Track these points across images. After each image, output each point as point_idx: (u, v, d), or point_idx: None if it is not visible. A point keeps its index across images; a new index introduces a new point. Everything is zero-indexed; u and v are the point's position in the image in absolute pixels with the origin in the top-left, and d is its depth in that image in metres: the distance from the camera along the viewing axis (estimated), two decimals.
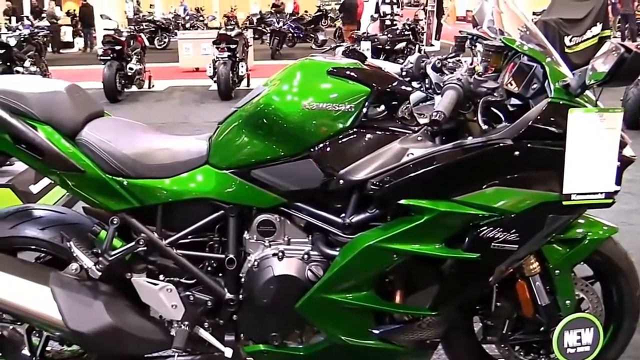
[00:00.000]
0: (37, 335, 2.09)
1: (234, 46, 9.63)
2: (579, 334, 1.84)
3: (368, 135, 1.74)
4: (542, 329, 1.92)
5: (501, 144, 1.61)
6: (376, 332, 1.82)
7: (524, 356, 2.04)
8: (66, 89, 1.87)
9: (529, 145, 1.61)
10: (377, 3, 14.18)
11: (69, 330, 1.82)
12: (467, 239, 1.67)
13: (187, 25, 21.01)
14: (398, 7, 14.28)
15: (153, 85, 10.74)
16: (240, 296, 1.86)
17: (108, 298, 1.87)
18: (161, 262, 1.89)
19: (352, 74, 1.76)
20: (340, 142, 1.73)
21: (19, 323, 2.07)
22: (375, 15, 12.96)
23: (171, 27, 20.15)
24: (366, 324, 1.82)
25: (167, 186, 1.83)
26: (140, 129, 1.99)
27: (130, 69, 9.72)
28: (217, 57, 9.51)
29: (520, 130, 1.61)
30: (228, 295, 1.85)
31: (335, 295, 1.75)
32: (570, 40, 9.19)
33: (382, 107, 1.79)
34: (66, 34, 18.65)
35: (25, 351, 2.10)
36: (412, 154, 1.68)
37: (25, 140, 1.76)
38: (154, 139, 1.92)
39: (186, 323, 1.87)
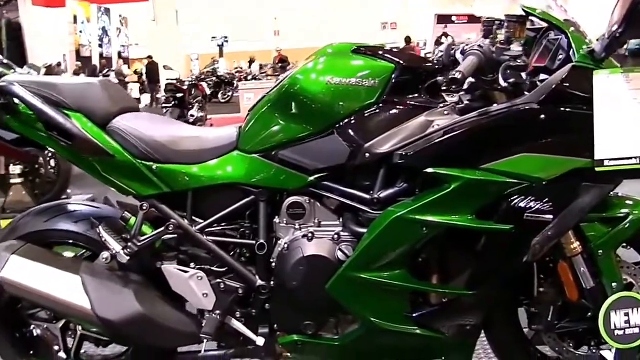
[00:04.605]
0: (71, 335, 2.11)
1: None
2: (627, 314, 1.72)
3: (393, 111, 1.74)
4: (589, 315, 1.82)
5: (527, 108, 1.58)
6: (412, 315, 1.76)
7: (575, 349, 1.93)
8: (100, 82, 1.94)
9: (555, 108, 1.57)
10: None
11: (98, 318, 1.83)
12: (499, 209, 1.62)
13: (249, 78, 21.65)
14: None
15: None
16: (272, 283, 1.84)
17: (138, 287, 1.88)
18: (191, 250, 1.90)
19: (377, 52, 1.78)
20: (365, 117, 1.73)
21: (53, 322, 2.10)
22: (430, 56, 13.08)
23: (235, 82, 20.80)
24: (401, 306, 1.76)
25: (197, 172, 1.85)
26: (174, 122, 2.05)
27: (192, 116, 10.05)
28: None
29: (545, 94, 1.57)
30: (259, 282, 1.84)
31: (366, 274, 1.71)
32: None
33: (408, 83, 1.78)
34: (133, 91, 19.52)
35: (61, 354, 2.11)
36: (438, 125, 1.67)
37: (56, 126, 1.81)
38: (185, 129, 1.97)
39: (217, 312, 1.85)
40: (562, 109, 1.57)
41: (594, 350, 1.89)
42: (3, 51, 5.55)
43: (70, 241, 2.02)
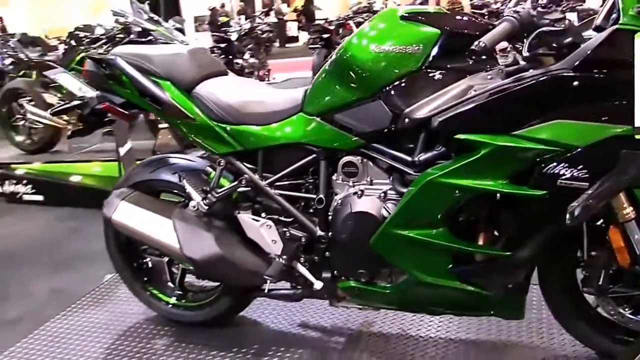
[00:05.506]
0: (176, 268, 2.48)
1: None
2: None
3: (437, 76, 1.79)
4: None
5: (562, 74, 1.55)
6: (455, 271, 1.85)
7: (631, 314, 1.90)
8: (189, 52, 2.19)
9: (590, 74, 1.53)
10: None
11: (184, 256, 2.14)
12: (532, 175, 1.63)
13: None
14: None
15: None
16: (330, 234, 2.01)
17: (219, 232, 2.15)
18: (262, 201, 2.12)
19: (423, 17, 1.82)
20: (408, 82, 1.80)
21: (161, 257, 2.47)
22: None
23: None
24: (443, 262, 1.85)
25: (265, 132, 2.05)
26: (251, 84, 2.25)
27: None
28: None
29: (580, 59, 1.54)
30: (319, 233, 2.02)
31: (406, 231, 1.82)
32: None
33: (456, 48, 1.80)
34: (291, 29, 20.01)
35: (169, 283, 2.52)
36: (475, 91, 1.69)
37: (148, 94, 2.12)
38: (258, 92, 2.16)
39: (284, 257, 2.07)
40: (599, 74, 1.53)
41: None
42: (159, 4, 6.00)
43: (175, 190, 2.34)
